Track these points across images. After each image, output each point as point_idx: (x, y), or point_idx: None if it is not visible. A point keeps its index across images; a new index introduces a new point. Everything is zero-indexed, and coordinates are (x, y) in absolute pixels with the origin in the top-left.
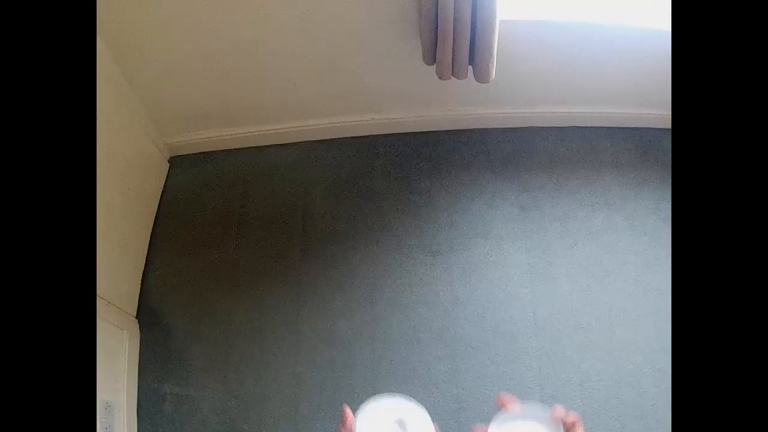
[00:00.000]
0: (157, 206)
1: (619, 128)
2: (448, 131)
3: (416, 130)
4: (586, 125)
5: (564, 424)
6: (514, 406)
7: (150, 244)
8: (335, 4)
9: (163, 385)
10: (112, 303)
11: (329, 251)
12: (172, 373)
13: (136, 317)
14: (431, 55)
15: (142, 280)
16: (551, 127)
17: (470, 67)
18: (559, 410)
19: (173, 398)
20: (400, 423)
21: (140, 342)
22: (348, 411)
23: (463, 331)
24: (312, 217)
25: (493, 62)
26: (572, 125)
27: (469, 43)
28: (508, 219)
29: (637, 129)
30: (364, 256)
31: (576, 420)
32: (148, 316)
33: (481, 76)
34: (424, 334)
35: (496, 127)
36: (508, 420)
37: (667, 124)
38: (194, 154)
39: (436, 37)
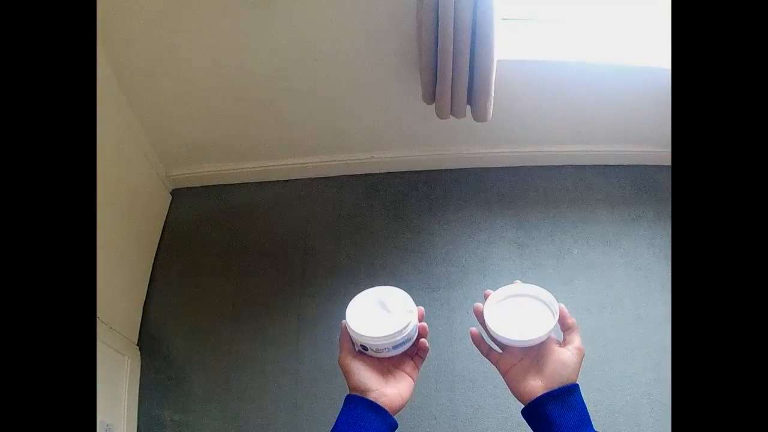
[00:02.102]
0: (159, 236)
1: (613, 166)
2: (446, 170)
3: (415, 169)
4: (580, 163)
5: (563, 321)
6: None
7: (152, 274)
8: (337, 43)
9: (163, 411)
10: (114, 329)
11: (329, 286)
12: (173, 400)
13: (138, 344)
14: (430, 95)
15: (144, 308)
16: (547, 166)
17: (468, 107)
18: (563, 307)
19: (173, 425)
20: (382, 304)
21: (141, 368)
22: (344, 322)
23: (461, 366)
24: (312, 252)
25: (490, 102)
26: (567, 164)
27: (467, 82)
28: (505, 256)
29: (631, 166)
30: (363, 290)
31: (574, 325)
32: (150, 343)
33: (479, 116)
34: (423, 368)
35: (493, 166)
36: (507, 296)
37: (660, 161)
38: (196, 187)
39: (436, 77)
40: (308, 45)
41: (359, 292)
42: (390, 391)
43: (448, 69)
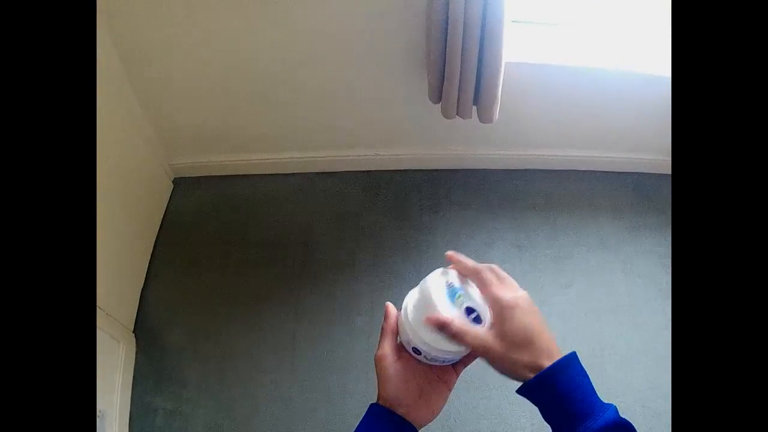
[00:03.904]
0: (159, 225)
1: (616, 173)
2: (449, 170)
3: (419, 168)
4: (584, 169)
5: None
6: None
7: (151, 261)
8: (345, 38)
9: (156, 399)
10: (110, 314)
11: (328, 281)
12: (166, 389)
13: (133, 331)
14: (437, 94)
15: (141, 296)
16: (550, 170)
17: (475, 108)
18: (463, 263)
19: (166, 413)
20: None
21: (136, 356)
22: (391, 307)
23: None
24: (312, 247)
25: (497, 103)
26: (571, 168)
27: (474, 83)
28: (505, 258)
29: (634, 174)
30: (363, 288)
31: (478, 270)
32: (145, 331)
33: (485, 117)
34: None
35: (496, 167)
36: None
37: (664, 169)
38: (198, 177)
39: (443, 77)
40: (316, 39)
41: (423, 277)
42: (422, 406)
43: (456, 69)
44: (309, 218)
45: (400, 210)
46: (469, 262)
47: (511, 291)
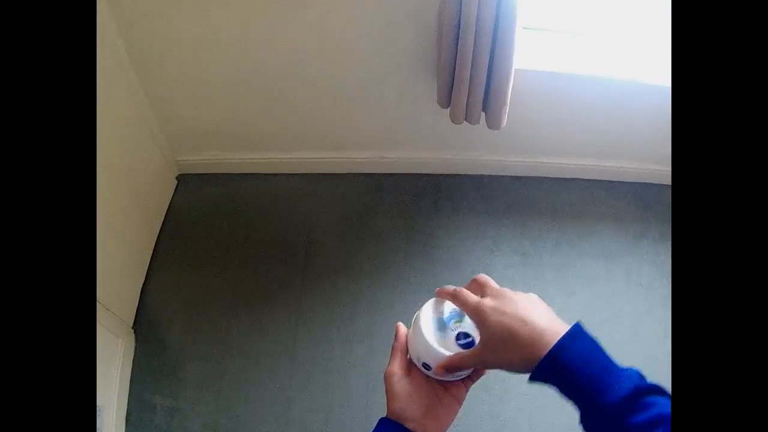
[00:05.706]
0: (162, 220)
1: (620, 182)
2: (455, 175)
3: (424, 172)
4: (589, 177)
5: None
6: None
7: (152, 257)
8: (356, 40)
9: (154, 396)
10: (110, 310)
11: (330, 282)
12: (165, 386)
13: (133, 327)
14: (446, 99)
15: (141, 292)
16: (555, 178)
17: (483, 114)
18: (445, 292)
19: (164, 410)
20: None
21: (135, 352)
22: (401, 326)
23: None
24: (315, 248)
25: (506, 110)
26: (576, 177)
27: (484, 89)
28: (508, 265)
29: (638, 184)
30: (365, 290)
31: (456, 293)
32: (145, 327)
33: (494, 123)
34: None
35: (502, 174)
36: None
37: (666, 179)
38: (202, 174)
39: (453, 82)
40: (325, 40)
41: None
42: (430, 421)
43: (465, 74)
44: (312, 219)
45: (403, 213)
46: (448, 289)
47: (488, 296)
